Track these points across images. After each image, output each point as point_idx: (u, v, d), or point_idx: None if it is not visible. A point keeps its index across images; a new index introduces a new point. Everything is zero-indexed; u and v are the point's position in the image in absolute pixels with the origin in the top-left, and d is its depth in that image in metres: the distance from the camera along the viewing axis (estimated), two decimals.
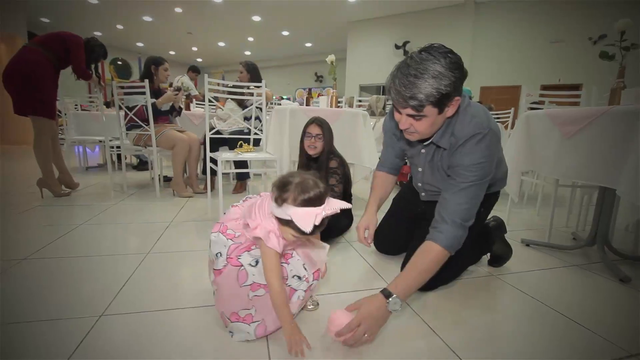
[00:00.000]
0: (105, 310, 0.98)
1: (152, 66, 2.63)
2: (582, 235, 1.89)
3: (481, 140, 0.99)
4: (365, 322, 0.84)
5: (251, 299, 0.86)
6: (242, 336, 0.88)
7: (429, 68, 0.89)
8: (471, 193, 1.00)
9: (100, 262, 1.34)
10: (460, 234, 0.98)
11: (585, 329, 1.00)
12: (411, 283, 0.93)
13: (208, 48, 11.88)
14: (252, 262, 0.86)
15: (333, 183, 1.68)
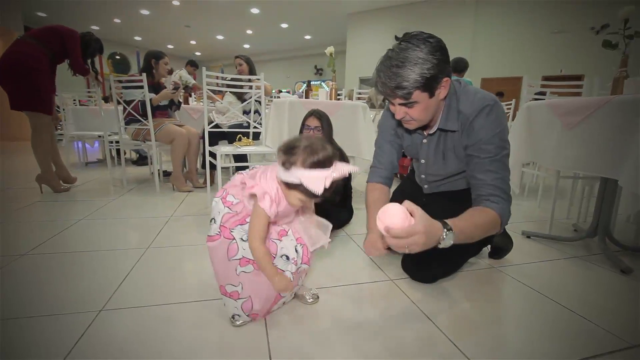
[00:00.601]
0: (105, 305, 0.98)
1: (152, 60, 2.60)
2: (583, 226, 1.89)
3: (491, 111, 1.01)
4: (421, 237, 0.77)
5: (239, 275, 0.85)
6: (230, 310, 0.89)
7: (409, 56, 0.90)
8: (500, 164, 1.01)
9: (99, 257, 1.34)
10: (508, 206, 1.00)
11: (587, 320, 1.00)
12: (466, 230, 0.89)
13: (206, 41, 11.78)
14: (244, 236, 0.85)
15: None
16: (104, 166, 3.71)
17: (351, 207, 1.86)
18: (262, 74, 2.32)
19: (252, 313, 0.89)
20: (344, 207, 1.78)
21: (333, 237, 1.65)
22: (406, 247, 0.77)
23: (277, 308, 0.98)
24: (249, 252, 0.84)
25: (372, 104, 3.17)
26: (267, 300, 0.90)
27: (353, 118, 2.22)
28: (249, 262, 0.86)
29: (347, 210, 1.82)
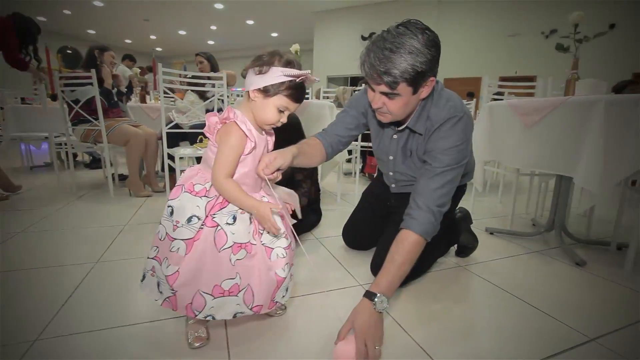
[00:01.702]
0: (40, 334, 0.86)
1: (96, 50, 2.38)
2: (541, 221, 1.98)
3: (457, 124, 0.98)
4: (368, 335, 0.78)
5: (234, 265, 0.76)
6: (229, 312, 0.77)
7: (405, 43, 0.85)
8: (448, 177, 0.97)
9: (39, 276, 1.19)
10: (435, 220, 0.95)
11: (549, 316, 1.03)
12: (392, 278, 0.88)
13: (168, 36, 11.26)
14: (229, 219, 0.76)
15: (300, 178, 1.62)
16: (52, 170, 3.40)
17: (319, 209, 1.82)
18: (225, 72, 2.21)
19: (254, 306, 0.78)
20: (312, 209, 1.74)
21: (302, 241, 1.60)
22: (375, 349, 0.78)
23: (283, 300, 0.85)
24: (240, 236, 0.76)
25: (339, 103, 3.15)
26: (268, 286, 0.79)
27: (320, 117, 2.18)
28: (241, 247, 0.76)
29: (315, 212, 1.78)
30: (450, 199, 1.00)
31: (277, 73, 0.73)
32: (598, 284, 1.26)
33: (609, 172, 1.23)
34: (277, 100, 0.76)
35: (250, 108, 0.79)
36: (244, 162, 0.79)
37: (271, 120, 0.79)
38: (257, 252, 0.79)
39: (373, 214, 1.46)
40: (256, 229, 0.80)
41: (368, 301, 0.84)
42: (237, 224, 0.76)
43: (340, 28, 8.64)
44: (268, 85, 0.74)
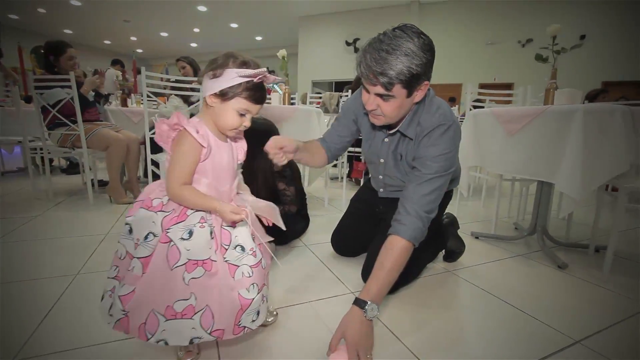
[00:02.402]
0: (17, 353, 0.81)
1: (51, 56, 2.22)
2: (523, 224, 2.04)
3: (446, 132, 1.00)
4: (360, 345, 0.79)
5: (188, 284, 0.68)
6: (185, 337, 0.69)
7: (402, 45, 0.86)
8: (436, 184, 0.99)
9: (14, 291, 1.12)
10: (423, 225, 0.96)
11: (535, 319, 1.05)
12: (381, 285, 0.89)
13: (149, 38, 11.02)
14: (185, 234, 0.69)
15: (283, 187, 1.58)
16: (26, 176, 3.24)
17: (307, 215, 1.81)
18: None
19: (214, 330, 0.70)
20: (300, 215, 1.72)
21: (291, 248, 1.59)
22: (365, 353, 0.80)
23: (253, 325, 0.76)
24: (195, 252, 0.69)
25: (325, 109, 3.16)
26: (231, 309, 0.71)
27: (307, 123, 2.17)
28: (197, 264, 0.69)
29: (303, 219, 1.77)
30: (438, 206, 1.01)
31: (232, 75, 0.71)
32: (580, 286, 1.30)
33: (588, 178, 1.28)
34: (236, 103, 0.73)
35: (209, 114, 0.76)
36: (205, 174, 0.75)
37: (232, 124, 0.75)
38: (218, 270, 0.71)
39: (362, 221, 1.46)
40: (218, 244, 0.73)
41: (359, 309, 0.84)
42: (194, 239, 0.70)
43: (324, 33, 8.70)
44: (224, 89, 0.71)
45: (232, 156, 0.80)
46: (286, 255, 1.52)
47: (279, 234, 1.53)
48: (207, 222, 0.73)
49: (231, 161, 0.80)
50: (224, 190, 0.77)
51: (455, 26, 7.71)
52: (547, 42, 1.70)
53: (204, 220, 0.72)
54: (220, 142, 0.77)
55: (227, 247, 0.74)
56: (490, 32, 7.45)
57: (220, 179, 0.77)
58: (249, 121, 0.77)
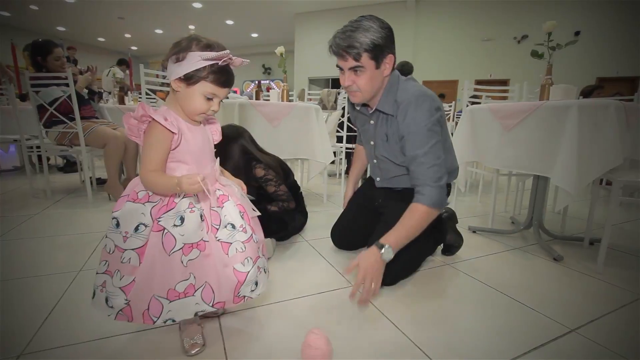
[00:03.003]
0: (24, 349, 0.82)
1: (38, 57, 2.20)
2: (519, 218, 2.07)
3: (421, 104, 1.09)
4: (368, 274, 0.97)
5: (187, 265, 0.73)
6: (189, 311, 0.74)
7: (363, 24, 1.05)
8: (431, 156, 1.08)
9: (18, 288, 1.13)
10: (439, 192, 1.07)
11: (532, 309, 1.08)
12: (399, 236, 1.04)
13: (144, 35, 10.92)
14: (177, 221, 0.72)
15: (273, 190, 1.54)
16: (22, 175, 3.23)
17: (305, 209, 1.81)
18: None
19: (215, 302, 0.75)
20: (298, 211, 1.73)
21: (291, 244, 1.61)
22: (371, 285, 0.97)
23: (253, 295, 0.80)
24: (189, 236, 0.72)
25: (323, 105, 3.17)
26: (228, 283, 0.76)
27: (306, 120, 2.18)
28: (192, 247, 0.73)
29: (301, 214, 1.78)
30: (446, 171, 1.12)
31: (196, 58, 0.70)
32: (575, 277, 1.33)
33: (583, 172, 1.31)
34: (201, 87, 0.73)
35: (176, 100, 0.76)
36: (184, 159, 0.76)
37: (199, 109, 0.75)
38: (212, 250, 0.75)
39: (361, 214, 1.48)
40: (209, 225, 0.76)
41: (376, 249, 1.02)
42: (186, 224, 0.73)
43: (321, 30, 8.67)
44: (189, 73, 0.71)
45: (207, 138, 0.82)
46: (287, 250, 1.53)
47: (279, 230, 1.55)
48: (196, 206, 0.75)
49: (207, 143, 0.82)
50: (206, 173, 0.76)
51: (451, 23, 7.73)
52: (542, 38, 1.72)
53: (193, 205, 0.75)
54: (192, 126, 0.78)
55: (218, 227, 0.77)
56: (486, 28, 7.48)
57: (200, 163, 0.79)
58: (217, 105, 0.77)
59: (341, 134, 2.90)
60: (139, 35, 10.98)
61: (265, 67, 12.31)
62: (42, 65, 2.24)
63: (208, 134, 0.84)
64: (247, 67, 6.55)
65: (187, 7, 8.29)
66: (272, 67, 12.17)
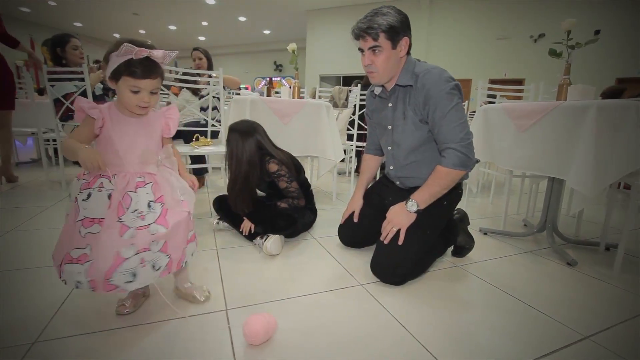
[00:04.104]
0: (39, 336, 0.84)
1: (58, 48, 2.30)
2: (532, 221, 2.03)
3: (440, 72, 1.19)
4: (393, 220, 1.22)
5: (84, 237, 0.79)
6: (73, 279, 0.79)
7: (381, 10, 1.18)
8: (453, 117, 1.15)
9: (33, 276, 1.16)
10: (462, 152, 1.14)
11: (544, 315, 1.06)
12: (424, 193, 1.20)
13: (157, 31, 11.05)
14: (85, 196, 0.80)
15: (284, 186, 1.56)
16: (39, 166, 3.31)
17: (315, 207, 1.81)
18: (221, 69, 2.19)
19: (89, 280, 0.78)
20: (308, 208, 1.73)
21: (299, 241, 1.61)
22: (392, 227, 1.22)
23: (128, 288, 0.82)
24: (90, 211, 0.80)
25: (334, 103, 3.16)
26: (105, 264, 0.78)
27: (317, 117, 2.18)
28: (93, 222, 0.79)
29: (311, 211, 1.78)
30: (469, 131, 1.18)
31: (114, 58, 0.80)
32: (589, 283, 1.30)
33: (600, 175, 1.27)
34: (124, 82, 0.81)
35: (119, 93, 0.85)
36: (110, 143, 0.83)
37: (130, 102, 0.83)
38: (109, 227, 0.79)
39: (370, 212, 1.47)
40: (114, 206, 0.80)
41: (403, 203, 1.23)
42: (90, 200, 0.80)
43: (333, 27, 8.64)
44: (112, 71, 0.81)
45: (142, 129, 0.88)
46: (295, 247, 1.53)
47: (288, 227, 1.55)
48: (106, 187, 0.81)
49: (139, 133, 0.87)
50: (130, 158, 0.85)
51: (466, 21, 7.60)
52: (560, 36, 1.67)
53: (102, 186, 0.81)
54: (125, 116, 0.86)
55: (127, 210, 0.81)
56: (501, 27, 7.33)
57: (126, 149, 0.85)
58: (147, 97, 0.84)
59: (352, 132, 2.89)
60: (153, 31, 11.12)
61: (276, 64, 12.33)
62: (62, 56, 2.29)
63: (150, 126, 0.90)
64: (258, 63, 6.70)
65: (200, 3, 8.35)
66: (284, 64, 12.18)
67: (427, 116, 1.21)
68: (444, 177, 1.18)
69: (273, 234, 1.45)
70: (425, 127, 1.24)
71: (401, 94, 1.28)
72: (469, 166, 1.17)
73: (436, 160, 1.21)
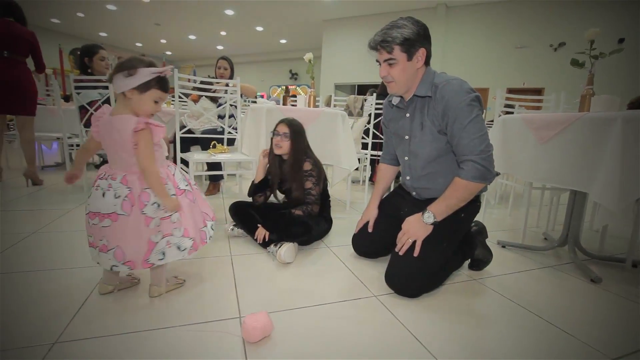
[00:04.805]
0: (59, 337, 0.86)
1: (86, 58, 2.43)
2: (553, 235, 1.96)
3: (460, 83, 1.18)
4: (408, 232, 1.21)
5: (92, 227, 0.97)
6: (107, 264, 0.98)
7: (397, 23, 1.19)
8: (473, 129, 1.14)
9: (54, 278, 1.20)
10: (481, 164, 1.12)
11: (566, 333, 1.01)
12: (440, 205, 1.19)
13: (178, 41, 11.41)
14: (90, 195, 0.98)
15: (309, 187, 1.61)
16: (62, 170, 3.44)
17: (330, 217, 1.81)
18: (239, 78, 2.24)
19: (126, 261, 0.97)
20: (323, 217, 1.74)
21: (313, 250, 1.61)
22: (407, 238, 1.21)
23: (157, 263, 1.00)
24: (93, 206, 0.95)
25: (349, 112, 3.17)
26: (141, 248, 0.97)
27: (332, 126, 2.19)
28: (96, 215, 0.95)
29: (325, 220, 1.78)
30: (489, 143, 1.15)
31: (146, 72, 0.92)
32: (615, 302, 1.24)
33: (627, 189, 1.22)
34: (153, 93, 0.95)
35: (127, 105, 0.96)
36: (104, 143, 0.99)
37: (150, 110, 0.98)
38: (128, 221, 0.95)
39: (385, 222, 1.46)
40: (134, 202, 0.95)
41: (419, 214, 1.22)
42: (91, 198, 0.97)
43: (348, 36, 8.72)
44: (141, 83, 0.93)
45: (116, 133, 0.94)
46: (309, 256, 1.53)
47: (303, 234, 1.56)
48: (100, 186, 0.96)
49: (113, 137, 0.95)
50: (120, 157, 0.96)
51: (483, 29, 7.53)
52: (581, 45, 1.64)
53: (110, 186, 0.95)
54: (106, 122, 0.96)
55: (147, 204, 0.96)
56: (520, 35, 7.22)
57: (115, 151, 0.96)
58: (160, 106, 1.01)
59: (366, 141, 2.88)
60: (174, 41, 11.48)
61: (292, 72, 12.50)
62: (88, 65, 2.41)
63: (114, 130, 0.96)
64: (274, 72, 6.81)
65: (219, 14, 8.59)
66: (299, 73, 12.33)
67: (445, 127, 1.20)
68: (461, 189, 1.16)
69: (287, 242, 1.46)
70: (444, 138, 1.23)
71: (419, 104, 1.28)
72: (489, 179, 1.15)
73: (454, 172, 1.19)
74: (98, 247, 0.97)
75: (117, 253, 0.96)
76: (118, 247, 0.96)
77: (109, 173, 0.97)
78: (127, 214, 0.95)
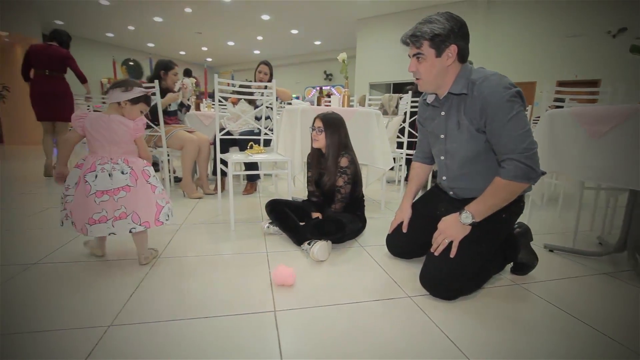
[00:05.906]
0: (114, 320, 0.95)
1: (162, 71, 2.66)
2: (609, 239, 1.80)
3: (499, 79, 1.11)
4: (444, 232, 1.18)
5: (99, 204, 1.18)
6: (102, 232, 1.20)
7: (430, 18, 1.16)
8: (514, 125, 1.07)
9: (109, 267, 1.32)
10: (524, 163, 1.06)
11: (621, 345, 0.93)
12: (479, 205, 1.14)
13: (218, 47, 11.92)
14: (92, 177, 1.19)
15: (340, 184, 1.63)
16: None
17: (364, 216, 1.81)
18: (274, 81, 2.30)
19: (142, 222, 1.24)
20: (357, 216, 1.73)
21: (347, 248, 1.61)
22: (443, 238, 1.18)
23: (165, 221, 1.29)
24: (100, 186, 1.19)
25: (384, 111, 3.13)
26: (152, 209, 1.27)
27: (367, 125, 2.18)
28: (104, 193, 1.19)
29: (360, 219, 1.77)
30: (533, 140, 1.08)
31: (138, 91, 1.30)
32: None
33: None
34: (141, 106, 1.32)
35: (118, 110, 1.29)
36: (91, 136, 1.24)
37: (137, 117, 1.32)
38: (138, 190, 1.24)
39: (420, 223, 1.43)
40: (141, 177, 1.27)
41: (457, 214, 1.18)
42: (97, 179, 1.19)
43: (383, 34, 8.58)
44: (135, 98, 1.29)
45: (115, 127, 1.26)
46: (342, 255, 1.54)
47: (336, 232, 1.57)
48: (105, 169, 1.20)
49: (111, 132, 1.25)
50: (118, 146, 1.26)
51: (528, 17, 7.03)
52: None
53: (114, 168, 1.22)
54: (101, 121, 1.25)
55: (150, 176, 1.29)
56: (571, 22, 6.64)
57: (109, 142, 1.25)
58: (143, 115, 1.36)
59: (402, 140, 2.83)
60: (214, 48, 12.00)
61: (326, 73, 12.54)
62: (162, 78, 2.64)
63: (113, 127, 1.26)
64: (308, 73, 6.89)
65: (256, 19, 8.85)
66: (334, 73, 12.35)
67: (484, 125, 1.14)
68: (502, 189, 1.10)
69: (320, 240, 1.48)
70: (482, 137, 1.17)
71: (455, 102, 1.22)
72: (533, 178, 1.08)
73: (494, 171, 1.13)
74: (112, 219, 1.19)
75: (134, 217, 1.21)
76: (134, 212, 1.22)
77: (107, 158, 1.22)
78: (135, 185, 1.23)
